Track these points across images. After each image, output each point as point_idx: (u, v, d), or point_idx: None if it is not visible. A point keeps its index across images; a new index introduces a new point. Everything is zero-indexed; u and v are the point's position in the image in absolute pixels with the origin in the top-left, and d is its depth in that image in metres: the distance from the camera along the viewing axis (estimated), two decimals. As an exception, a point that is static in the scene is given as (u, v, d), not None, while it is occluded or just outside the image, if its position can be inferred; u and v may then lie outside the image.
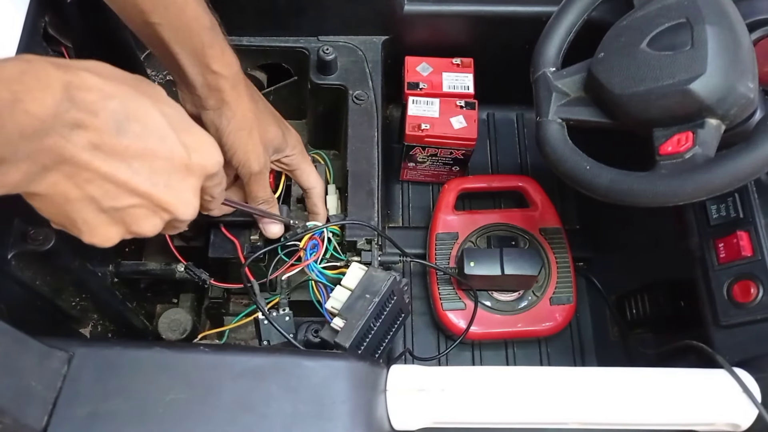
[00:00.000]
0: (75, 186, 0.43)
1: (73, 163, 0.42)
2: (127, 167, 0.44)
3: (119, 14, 0.58)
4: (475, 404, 0.56)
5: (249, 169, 0.66)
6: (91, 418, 0.48)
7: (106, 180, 0.43)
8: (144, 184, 0.45)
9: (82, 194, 0.43)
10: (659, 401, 0.57)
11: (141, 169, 0.45)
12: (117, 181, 0.44)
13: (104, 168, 0.43)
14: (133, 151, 0.44)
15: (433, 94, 0.98)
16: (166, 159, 0.46)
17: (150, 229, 0.48)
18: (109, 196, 0.44)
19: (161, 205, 0.47)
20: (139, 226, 0.47)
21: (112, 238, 0.47)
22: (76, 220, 0.45)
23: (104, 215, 0.45)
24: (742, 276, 0.65)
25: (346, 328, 0.63)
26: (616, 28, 0.70)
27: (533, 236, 1.02)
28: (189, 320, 0.87)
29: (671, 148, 0.62)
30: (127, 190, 0.45)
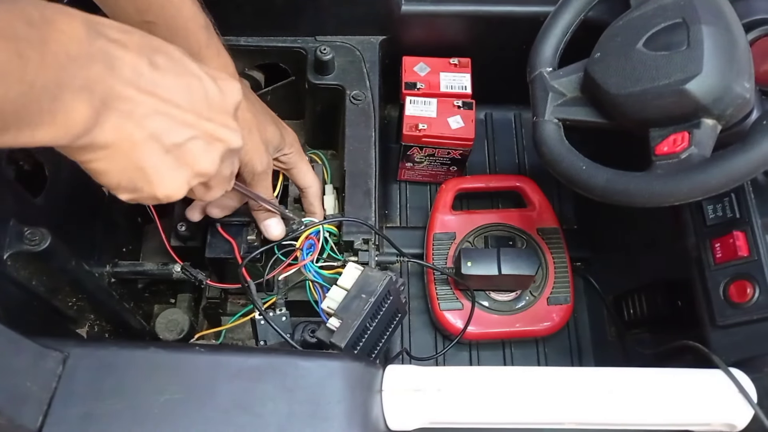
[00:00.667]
0: (136, 125, 0.43)
1: (124, 98, 0.42)
2: (172, 100, 0.45)
3: (110, 14, 0.58)
4: (471, 404, 0.56)
5: (253, 168, 0.66)
6: (86, 418, 0.48)
7: (159, 113, 0.44)
8: (192, 115, 0.46)
9: (145, 133, 0.44)
10: (656, 401, 0.57)
11: (184, 101, 0.45)
12: (169, 112, 0.45)
13: (153, 100, 0.43)
14: (171, 84, 0.45)
15: (431, 94, 0.98)
16: (202, 92, 0.47)
17: (210, 164, 0.49)
18: (168, 130, 0.45)
19: (214, 135, 0.48)
20: (200, 163, 0.48)
21: (181, 186, 0.48)
22: (146, 169, 0.45)
23: (169, 156, 0.46)
24: (738, 276, 0.65)
25: (342, 328, 0.63)
26: (613, 28, 0.70)
27: (531, 236, 1.02)
28: (186, 320, 0.87)
29: (667, 148, 0.62)
30: (180, 121, 0.45)
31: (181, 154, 0.46)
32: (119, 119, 0.42)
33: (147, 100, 0.43)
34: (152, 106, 0.43)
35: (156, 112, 0.44)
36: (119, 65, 0.41)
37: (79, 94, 0.39)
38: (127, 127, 0.43)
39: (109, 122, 0.42)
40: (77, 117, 0.40)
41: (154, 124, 0.44)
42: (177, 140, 0.46)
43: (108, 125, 0.42)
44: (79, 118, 0.40)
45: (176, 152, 0.46)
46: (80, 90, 0.39)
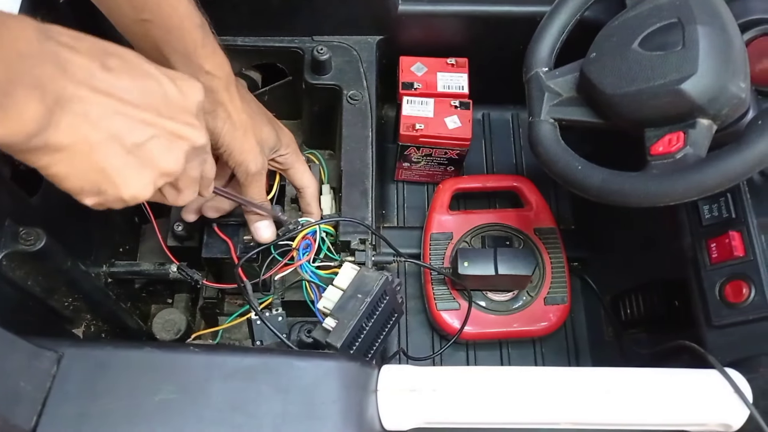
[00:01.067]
0: (93, 126, 0.43)
1: (78, 99, 0.42)
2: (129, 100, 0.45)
3: (107, 12, 0.58)
4: (467, 404, 0.56)
5: (246, 169, 0.66)
6: (81, 418, 0.48)
7: (117, 113, 0.44)
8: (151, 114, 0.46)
9: (103, 134, 0.44)
10: (652, 401, 0.57)
11: (141, 101, 0.45)
12: (127, 112, 0.45)
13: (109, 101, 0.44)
14: (126, 85, 0.45)
15: (428, 94, 0.98)
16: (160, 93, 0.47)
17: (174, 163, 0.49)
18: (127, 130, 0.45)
19: (175, 133, 0.48)
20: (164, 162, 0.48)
21: (147, 186, 0.48)
22: (107, 170, 0.45)
23: (131, 157, 0.46)
24: (734, 276, 0.65)
25: (338, 328, 0.63)
26: (608, 28, 0.70)
27: (528, 236, 1.02)
28: (183, 320, 0.87)
29: (662, 148, 0.62)
30: (139, 121, 0.45)
31: (143, 154, 0.46)
32: (74, 120, 0.42)
33: (103, 100, 0.43)
34: (108, 107, 0.44)
35: (114, 113, 0.44)
36: (71, 67, 0.41)
37: (30, 91, 0.39)
38: (83, 128, 0.43)
39: (63, 122, 0.42)
40: (29, 114, 0.39)
41: (112, 124, 0.44)
42: (137, 140, 0.46)
43: (63, 126, 0.42)
44: (32, 115, 0.40)
45: (138, 152, 0.46)
46: (32, 88, 0.39)
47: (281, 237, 0.74)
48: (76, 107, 0.42)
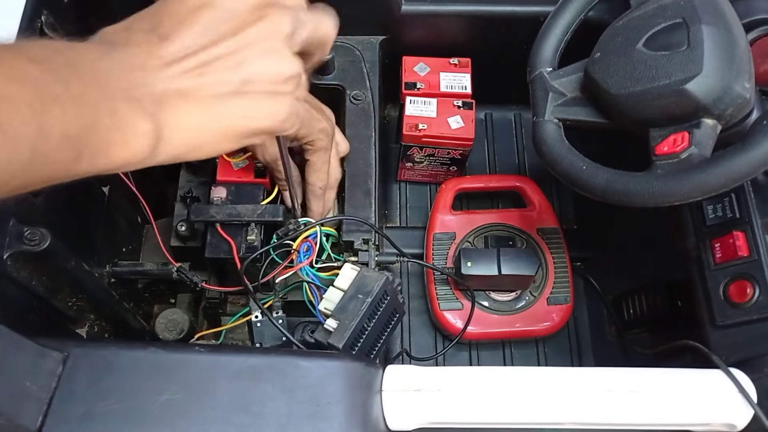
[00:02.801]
0: (196, 102, 0.42)
1: (165, 89, 0.41)
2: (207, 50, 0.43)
3: None
4: (471, 404, 0.56)
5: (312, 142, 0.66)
6: (86, 418, 0.48)
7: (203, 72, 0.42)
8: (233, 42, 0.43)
9: (208, 100, 0.42)
10: (656, 401, 0.57)
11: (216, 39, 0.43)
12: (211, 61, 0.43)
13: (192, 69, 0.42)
14: (193, 40, 0.42)
15: (431, 94, 0.98)
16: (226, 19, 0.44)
17: (289, 64, 0.46)
18: (224, 79, 0.43)
19: (268, 45, 0.45)
20: (279, 68, 0.45)
21: (286, 101, 0.47)
22: (239, 123, 0.45)
23: (248, 96, 0.44)
24: (738, 276, 0.65)
25: (339, 329, 0.63)
26: (613, 28, 0.69)
27: (531, 236, 1.02)
28: (186, 320, 0.87)
29: (667, 148, 0.61)
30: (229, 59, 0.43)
31: (256, 82, 0.44)
32: (176, 111, 0.41)
33: (186, 75, 0.41)
34: (194, 75, 0.42)
35: (200, 75, 0.42)
36: (138, 60, 0.40)
37: (128, 104, 0.38)
38: (190, 114, 0.42)
39: (171, 119, 0.41)
40: (141, 128, 0.39)
41: (208, 84, 0.42)
42: (240, 78, 0.43)
43: (172, 122, 0.41)
44: (143, 128, 0.39)
45: (250, 85, 0.44)
46: (128, 101, 0.38)
47: (281, 238, 0.74)
48: (171, 97, 0.41)
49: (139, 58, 0.40)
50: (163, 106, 0.40)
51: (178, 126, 0.41)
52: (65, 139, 0.35)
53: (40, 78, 0.34)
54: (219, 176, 0.76)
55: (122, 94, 0.38)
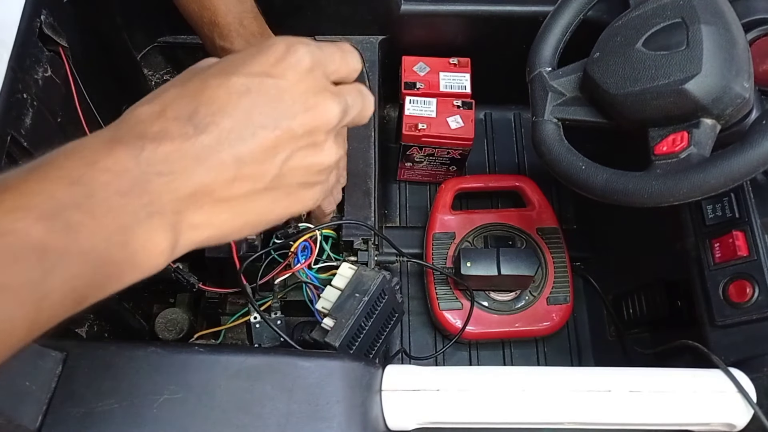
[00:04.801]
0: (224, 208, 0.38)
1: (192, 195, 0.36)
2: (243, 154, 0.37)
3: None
4: (470, 404, 0.56)
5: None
6: (86, 417, 0.48)
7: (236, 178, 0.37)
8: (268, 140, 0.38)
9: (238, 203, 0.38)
10: (655, 401, 0.57)
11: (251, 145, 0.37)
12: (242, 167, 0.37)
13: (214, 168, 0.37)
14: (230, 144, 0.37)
15: (430, 93, 0.98)
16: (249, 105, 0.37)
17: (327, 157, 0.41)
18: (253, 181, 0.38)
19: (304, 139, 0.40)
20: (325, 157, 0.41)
21: (316, 194, 0.43)
22: (266, 216, 0.41)
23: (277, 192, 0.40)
24: (737, 276, 0.65)
25: (336, 328, 0.63)
26: (612, 28, 0.69)
27: (530, 236, 1.02)
28: (186, 320, 0.87)
29: (666, 147, 0.62)
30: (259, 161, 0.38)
31: (288, 180, 0.40)
32: (207, 213, 0.37)
33: (214, 171, 0.36)
34: (230, 171, 0.37)
35: (233, 180, 0.37)
36: (168, 167, 0.35)
37: (147, 223, 0.35)
38: (218, 213, 0.38)
39: (197, 218, 0.37)
40: (160, 246, 0.36)
41: (243, 184, 0.37)
42: (273, 174, 0.39)
43: (198, 221, 0.37)
44: (162, 246, 0.36)
45: (281, 183, 0.39)
46: (148, 219, 0.35)
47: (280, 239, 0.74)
48: (198, 198, 0.36)
49: (170, 158, 0.35)
50: (187, 209, 0.36)
51: (198, 229, 0.38)
52: (65, 298, 0.33)
53: (45, 242, 0.31)
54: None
55: (143, 211, 0.34)
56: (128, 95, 0.90)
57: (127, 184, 0.34)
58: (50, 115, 0.66)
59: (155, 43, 0.96)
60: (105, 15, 0.78)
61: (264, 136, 0.37)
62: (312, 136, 0.39)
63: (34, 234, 0.31)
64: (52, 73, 0.66)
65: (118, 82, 0.86)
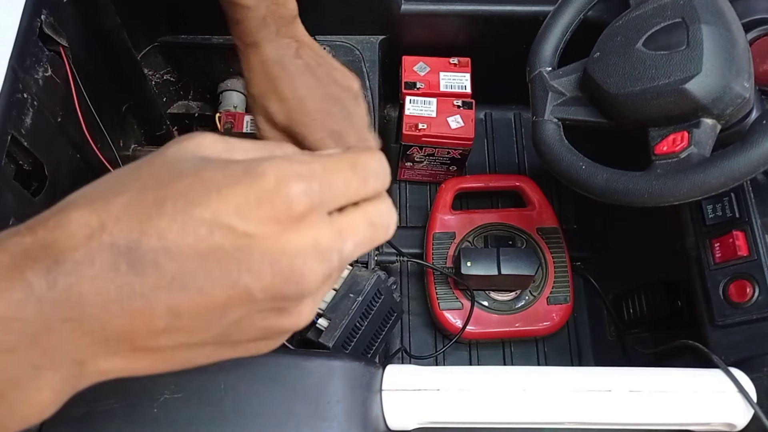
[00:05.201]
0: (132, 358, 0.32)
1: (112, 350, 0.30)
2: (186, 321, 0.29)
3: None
4: (470, 404, 0.56)
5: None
6: (86, 417, 0.48)
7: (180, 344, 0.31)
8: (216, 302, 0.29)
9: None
10: (655, 401, 0.57)
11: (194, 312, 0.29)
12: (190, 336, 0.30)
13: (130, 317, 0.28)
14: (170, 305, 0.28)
15: (431, 93, 0.98)
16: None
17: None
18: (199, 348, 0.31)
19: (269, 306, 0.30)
20: None
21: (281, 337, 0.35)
22: None
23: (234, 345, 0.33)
24: (737, 276, 0.65)
25: (330, 328, 0.64)
26: (612, 28, 0.70)
27: (530, 236, 1.02)
28: (186, 320, 0.86)
29: (667, 147, 0.62)
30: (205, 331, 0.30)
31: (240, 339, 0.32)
32: (119, 361, 0.31)
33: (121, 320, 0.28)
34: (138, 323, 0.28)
35: (162, 331, 0.29)
36: (88, 303, 0.27)
37: (34, 380, 0.29)
38: (135, 364, 0.32)
39: (103, 368, 0.31)
40: (40, 402, 0.31)
41: (165, 341, 0.30)
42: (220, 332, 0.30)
43: (102, 371, 0.31)
44: (43, 401, 0.31)
45: (234, 334, 0.31)
46: (35, 375, 0.29)
47: None
48: (116, 345, 0.30)
49: (84, 302, 0.27)
50: (94, 357, 0.30)
51: (107, 373, 0.32)
52: None
53: None
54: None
55: (29, 366, 0.28)
56: (128, 95, 0.90)
57: (15, 338, 0.27)
58: (50, 114, 0.66)
59: (155, 43, 0.96)
60: (105, 15, 0.78)
61: (212, 293, 0.28)
62: (276, 302, 0.30)
63: None
64: (53, 73, 0.66)
65: (118, 81, 0.86)
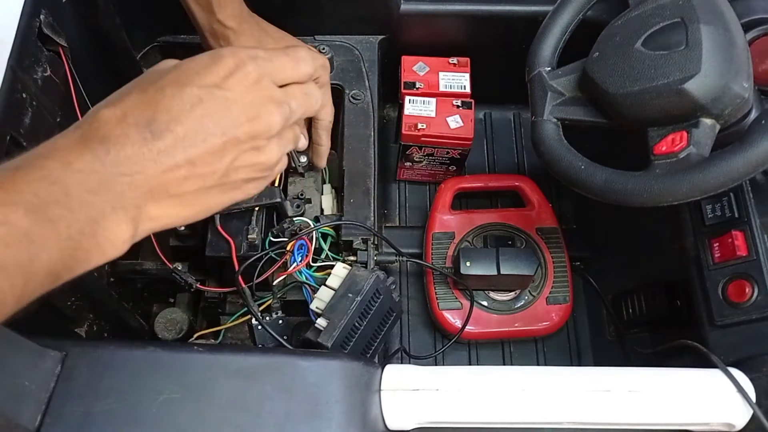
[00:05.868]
0: (180, 200, 0.45)
1: (151, 193, 0.43)
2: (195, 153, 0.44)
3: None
4: (469, 404, 0.56)
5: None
6: (85, 417, 0.48)
7: (191, 174, 0.44)
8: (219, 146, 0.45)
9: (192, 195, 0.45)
10: (655, 401, 0.57)
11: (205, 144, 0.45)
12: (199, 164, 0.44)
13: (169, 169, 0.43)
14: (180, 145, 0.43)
15: (430, 93, 0.98)
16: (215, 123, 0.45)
17: (269, 157, 0.49)
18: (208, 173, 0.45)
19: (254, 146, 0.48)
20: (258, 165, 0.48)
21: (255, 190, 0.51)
22: (215, 206, 0.48)
23: (229, 186, 0.48)
24: (737, 276, 0.65)
25: (329, 328, 0.63)
26: (611, 28, 0.70)
27: (530, 236, 1.02)
28: (185, 320, 0.86)
29: (666, 147, 0.61)
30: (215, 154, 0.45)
31: (236, 178, 0.47)
32: (162, 207, 0.44)
33: (169, 172, 0.43)
34: (182, 172, 0.44)
35: (185, 178, 0.44)
36: (129, 166, 0.41)
37: (112, 217, 0.41)
38: (173, 206, 0.45)
39: (154, 211, 0.43)
40: (122, 237, 0.41)
41: (195, 182, 0.45)
42: (222, 173, 0.46)
43: (152, 215, 0.44)
44: (124, 236, 0.42)
45: (231, 178, 0.47)
46: (113, 213, 0.41)
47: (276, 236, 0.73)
48: (155, 194, 0.43)
49: (131, 161, 0.41)
50: (146, 204, 0.43)
51: (154, 220, 0.44)
52: (47, 276, 0.38)
53: (31, 231, 0.36)
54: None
55: (108, 207, 0.40)
56: (128, 95, 0.90)
57: (95, 183, 0.40)
58: (49, 114, 0.66)
59: (155, 43, 0.96)
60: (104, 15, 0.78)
61: (213, 142, 0.44)
62: (254, 141, 0.47)
63: (22, 225, 0.36)
64: (51, 73, 0.66)
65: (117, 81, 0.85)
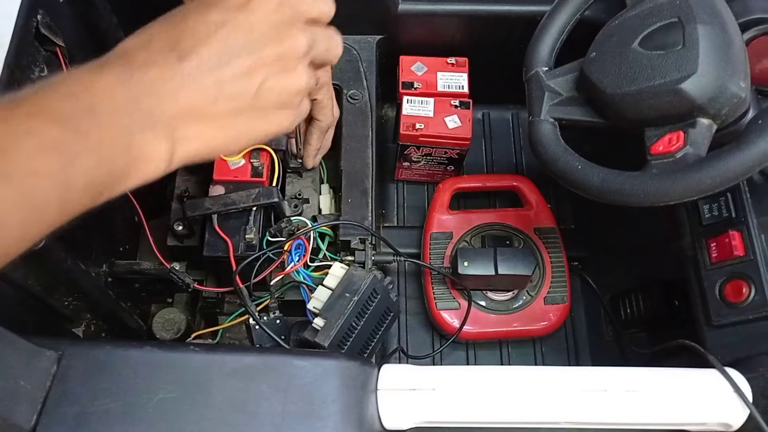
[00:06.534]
0: (211, 119, 0.43)
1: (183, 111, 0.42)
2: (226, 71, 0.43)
3: None
4: (466, 404, 0.57)
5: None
6: (81, 417, 0.48)
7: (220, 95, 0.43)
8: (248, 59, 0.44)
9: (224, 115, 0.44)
10: (652, 401, 0.57)
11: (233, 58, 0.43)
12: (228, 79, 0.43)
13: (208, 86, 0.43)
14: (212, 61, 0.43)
15: (428, 93, 0.98)
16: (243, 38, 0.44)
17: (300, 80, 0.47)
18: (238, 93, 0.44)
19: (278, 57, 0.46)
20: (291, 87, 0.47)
21: (290, 115, 0.49)
22: (248, 132, 0.46)
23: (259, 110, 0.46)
24: (734, 276, 0.65)
25: (326, 328, 0.64)
26: (608, 28, 0.70)
27: (528, 236, 1.02)
28: (183, 320, 0.87)
29: (662, 147, 0.61)
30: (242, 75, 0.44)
31: (266, 98, 0.46)
32: (196, 128, 0.43)
33: (203, 93, 0.42)
34: (210, 91, 0.42)
35: (215, 99, 0.43)
36: (158, 86, 0.41)
37: (145, 133, 0.40)
38: (205, 129, 0.43)
39: (190, 132, 0.42)
40: (159, 155, 0.41)
41: (225, 103, 0.43)
42: (253, 91, 0.44)
43: (190, 134, 0.42)
44: (161, 154, 0.41)
45: (261, 98, 0.45)
46: (144, 131, 0.40)
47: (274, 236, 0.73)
48: (186, 116, 0.42)
49: (157, 83, 0.41)
50: (177, 126, 0.42)
51: (190, 141, 0.43)
52: (86, 188, 0.38)
53: (61, 140, 0.36)
54: (216, 176, 0.76)
55: (139, 125, 0.40)
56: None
57: (121, 102, 0.39)
58: (47, 114, 0.66)
59: (153, 43, 0.96)
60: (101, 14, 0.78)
61: (239, 63, 0.43)
62: (282, 62, 0.45)
63: (51, 134, 0.35)
64: (49, 73, 0.66)
65: (115, 81, 0.86)
